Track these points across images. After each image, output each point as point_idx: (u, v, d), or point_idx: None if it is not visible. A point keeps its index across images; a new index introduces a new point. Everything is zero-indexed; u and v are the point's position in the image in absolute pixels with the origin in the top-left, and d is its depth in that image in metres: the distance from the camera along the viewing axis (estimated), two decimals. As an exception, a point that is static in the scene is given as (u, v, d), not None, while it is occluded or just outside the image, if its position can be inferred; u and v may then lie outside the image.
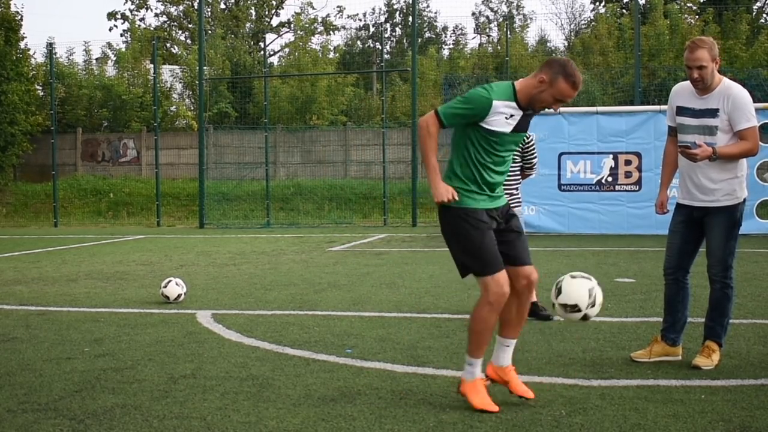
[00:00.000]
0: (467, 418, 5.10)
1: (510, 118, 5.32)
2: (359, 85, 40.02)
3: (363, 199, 28.34)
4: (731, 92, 6.31)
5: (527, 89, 5.32)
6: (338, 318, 8.72)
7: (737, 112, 6.29)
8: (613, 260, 13.42)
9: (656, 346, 6.60)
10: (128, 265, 14.05)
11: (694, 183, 6.40)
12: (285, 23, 51.97)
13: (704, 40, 6.34)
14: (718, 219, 6.37)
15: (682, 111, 6.46)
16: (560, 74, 5.23)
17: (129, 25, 46.62)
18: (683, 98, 6.49)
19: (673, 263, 6.58)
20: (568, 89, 5.24)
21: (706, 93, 6.34)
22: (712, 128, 6.31)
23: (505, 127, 5.32)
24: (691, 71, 6.25)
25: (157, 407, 5.42)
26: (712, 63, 6.23)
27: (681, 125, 6.48)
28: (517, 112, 5.34)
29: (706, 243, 6.46)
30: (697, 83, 6.29)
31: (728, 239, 6.40)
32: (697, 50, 6.23)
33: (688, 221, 6.49)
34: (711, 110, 6.31)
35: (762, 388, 5.77)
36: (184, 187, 30.76)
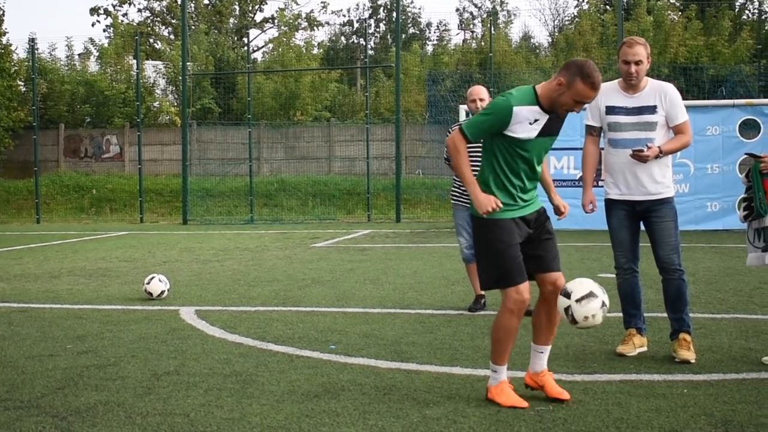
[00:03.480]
0: (451, 413, 5.11)
1: (534, 123, 5.25)
2: (343, 81, 39.98)
3: (347, 195, 28.33)
4: (667, 89, 6.61)
5: (548, 93, 5.25)
6: (322, 314, 8.72)
7: (675, 107, 6.57)
8: (596, 256, 13.46)
9: (635, 338, 6.71)
10: (111, 262, 14.01)
11: (635, 179, 6.56)
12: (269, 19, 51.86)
13: (640, 38, 6.65)
14: (665, 210, 6.57)
15: (613, 110, 6.63)
16: (578, 75, 5.15)
17: (112, 21, 46.36)
18: (611, 98, 6.66)
19: (629, 257, 6.75)
20: (587, 90, 5.15)
21: (636, 91, 6.58)
22: (651, 124, 6.53)
23: (530, 132, 5.26)
24: (629, 66, 6.49)
25: (140, 404, 5.41)
26: (646, 60, 6.51)
27: (614, 124, 6.62)
28: (542, 116, 5.27)
29: (655, 235, 6.59)
30: (631, 78, 6.51)
31: (677, 227, 6.62)
32: (636, 46, 6.50)
33: (630, 215, 6.66)
34: (649, 107, 6.53)
35: (744, 382, 5.80)
36: (168, 183, 30.66)
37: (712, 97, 24.04)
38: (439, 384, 5.82)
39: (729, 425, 4.84)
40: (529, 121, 5.25)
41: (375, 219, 24.70)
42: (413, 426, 4.90)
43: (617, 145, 6.63)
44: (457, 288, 10.34)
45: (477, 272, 5.85)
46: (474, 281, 8.95)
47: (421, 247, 15.76)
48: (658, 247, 6.58)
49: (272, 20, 50.75)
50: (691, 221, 17.32)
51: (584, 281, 5.38)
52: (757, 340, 7.13)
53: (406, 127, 30.15)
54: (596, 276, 10.99)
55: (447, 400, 5.39)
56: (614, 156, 6.66)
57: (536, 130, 5.27)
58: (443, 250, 14.97)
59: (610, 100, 6.64)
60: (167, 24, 50.35)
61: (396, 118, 24.63)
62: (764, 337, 7.21)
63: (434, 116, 28.34)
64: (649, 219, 6.61)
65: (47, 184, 30.28)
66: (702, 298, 9.18)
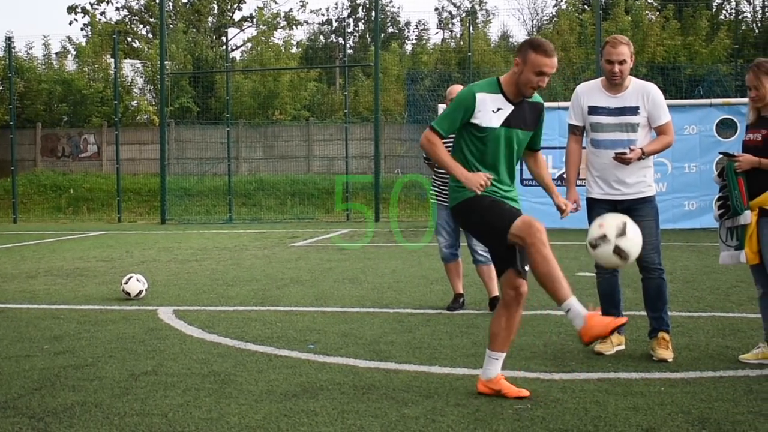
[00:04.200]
0: (430, 412, 5.11)
1: (498, 112, 5.32)
2: (322, 80, 39.95)
3: (326, 195, 28.29)
4: (649, 90, 6.63)
5: (510, 79, 5.36)
6: (301, 313, 8.71)
7: (657, 108, 6.60)
8: (575, 254, 13.50)
9: (613, 337, 6.70)
10: (88, 262, 13.94)
11: (617, 179, 6.59)
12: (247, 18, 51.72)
13: (623, 37, 6.65)
14: (647, 209, 6.61)
15: (596, 110, 6.64)
16: (529, 48, 5.28)
17: (89, 19, 46.14)
18: (593, 98, 6.68)
19: None
20: (542, 58, 5.23)
21: (619, 91, 6.59)
22: (634, 125, 6.56)
23: (492, 121, 5.31)
24: (613, 66, 6.50)
25: (118, 404, 5.38)
26: (630, 60, 6.53)
27: (596, 124, 6.64)
28: (506, 105, 5.34)
29: None
30: (615, 78, 6.52)
31: (658, 227, 6.67)
32: (619, 45, 6.51)
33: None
34: (631, 108, 6.56)
35: (720, 379, 5.83)
36: (146, 182, 30.53)
37: (689, 96, 24.15)
38: (417, 383, 5.82)
39: (706, 423, 4.87)
40: (492, 109, 5.31)
41: (354, 218, 24.69)
42: (392, 425, 4.90)
43: (599, 146, 6.65)
44: (435, 287, 10.35)
45: (490, 256, 5.78)
46: (453, 280, 8.97)
47: (399, 247, 15.77)
48: None
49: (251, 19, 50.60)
50: (669, 220, 17.38)
51: (599, 223, 5.53)
52: (733, 338, 7.17)
53: (385, 127, 30.15)
54: (574, 275, 11.04)
55: (425, 399, 5.40)
56: (596, 156, 6.68)
57: (500, 118, 5.32)
58: (422, 249, 14.98)
59: (592, 100, 6.66)
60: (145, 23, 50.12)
61: (375, 117, 24.62)
62: (741, 335, 7.26)
63: (413, 115, 28.35)
64: (631, 218, 6.60)
65: (24, 183, 30.08)
66: (679, 297, 9.23)
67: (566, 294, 5.12)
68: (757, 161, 6.08)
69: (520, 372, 6.09)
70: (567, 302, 5.09)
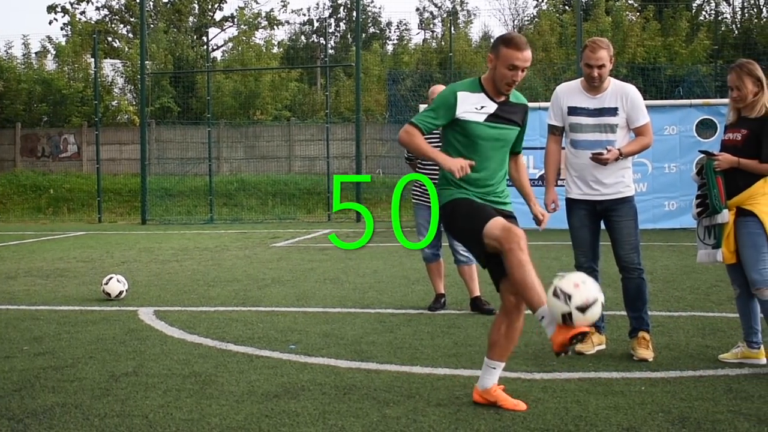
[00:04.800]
0: (411, 413, 5.12)
1: (482, 109, 5.31)
2: (303, 81, 39.91)
3: (307, 195, 28.28)
4: (628, 91, 6.66)
5: (488, 76, 5.35)
6: (282, 314, 8.69)
7: (635, 109, 6.62)
8: (556, 254, 13.53)
9: (594, 337, 6.74)
10: (69, 262, 13.88)
11: (595, 179, 6.61)
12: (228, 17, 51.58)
13: (603, 40, 6.65)
14: (625, 209, 6.63)
15: (575, 111, 6.66)
16: (500, 44, 5.26)
17: (69, 19, 45.93)
18: (573, 98, 6.70)
19: (589, 256, 6.80)
20: (513, 51, 5.19)
21: (598, 92, 6.61)
22: (612, 126, 6.58)
23: (476, 117, 5.30)
24: (592, 70, 6.52)
25: (98, 406, 5.36)
26: (609, 63, 6.54)
27: (575, 125, 6.66)
28: (489, 103, 5.32)
29: (615, 234, 6.64)
30: (594, 81, 6.55)
31: (636, 227, 6.68)
32: (599, 50, 6.52)
33: (591, 214, 6.72)
34: (610, 109, 6.58)
35: (700, 379, 5.86)
36: (126, 182, 30.43)
37: (669, 97, 24.25)
38: (399, 383, 5.82)
39: (686, 422, 4.89)
40: (475, 106, 5.30)
41: (335, 218, 24.67)
42: (373, 425, 4.90)
43: (578, 146, 6.67)
44: (417, 287, 10.35)
45: (471, 252, 5.70)
46: (434, 280, 8.97)
47: (381, 247, 15.76)
48: (618, 246, 6.64)
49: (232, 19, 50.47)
50: (649, 220, 17.46)
51: (582, 281, 4.94)
52: (713, 337, 7.21)
53: (367, 127, 30.15)
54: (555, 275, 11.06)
55: (407, 399, 5.40)
56: (575, 157, 6.70)
57: (484, 114, 5.31)
58: (403, 249, 14.98)
59: (572, 101, 6.69)
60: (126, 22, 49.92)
61: (356, 117, 24.62)
62: (720, 335, 7.29)
63: (394, 116, 28.34)
64: (610, 218, 6.66)
65: (3, 183, 29.93)
66: (660, 296, 9.26)
67: (541, 301, 4.96)
68: (736, 161, 6.12)
69: (502, 372, 6.09)
70: (541, 310, 4.94)
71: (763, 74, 6.18)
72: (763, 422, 4.86)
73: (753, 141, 6.12)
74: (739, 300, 6.37)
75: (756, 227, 6.09)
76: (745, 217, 6.14)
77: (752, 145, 6.11)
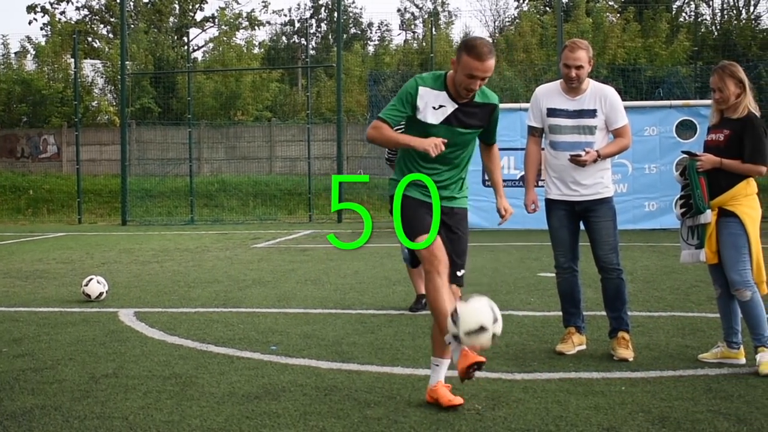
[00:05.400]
0: (392, 413, 5.12)
1: (439, 109, 5.28)
2: (284, 81, 39.85)
3: (288, 196, 28.24)
4: (607, 93, 6.66)
5: (451, 77, 5.30)
6: (263, 315, 8.68)
7: (614, 111, 6.63)
8: (536, 255, 13.56)
9: (574, 337, 6.79)
10: (48, 264, 13.81)
11: (574, 180, 6.62)
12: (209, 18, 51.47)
13: (583, 42, 6.67)
14: (604, 209, 6.64)
15: (554, 112, 6.67)
16: (463, 50, 5.20)
17: (49, 19, 45.72)
18: (552, 100, 6.71)
19: (568, 256, 6.80)
20: (473, 61, 5.12)
21: (578, 94, 6.62)
22: (591, 128, 6.59)
23: (433, 117, 5.28)
24: (570, 70, 6.53)
25: (78, 407, 5.34)
26: (588, 64, 6.55)
27: (555, 126, 6.68)
28: (448, 103, 5.29)
29: (594, 235, 6.65)
30: (572, 82, 6.56)
31: (615, 227, 6.69)
32: (578, 50, 6.54)
33: (570, 215, 6.72)
34: (589, 111, 6.59)
35: (680, 378, 5.89)
36: (106, 183, 30.31)
37: (649, 98, 24.34)
38: (380, 384, 5.82)
39: (666, 421, 4.91)
40: (433, 105, 5.28)
41: (316, 219, 24.65)
42: (354, 426, 4.90)
43: (557, 148, 6.69)
44: (398, 288, 10.36)
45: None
46: (415, 281, 8.98)
47: (362, 248, 15.76)
48: (597, 246, 6.66)
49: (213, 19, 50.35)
50: (630, 221, 17.53)
51: (477, 308, 4.93)
52: (693, 337, 7.24)
53: (348, 127, 30.13)
54: (536, 275, 11.11)
55: (388, 400, 5.40)
56: (554, 158, 6.72)
57: (441, 115, 5.28)
58: (384, 250, 14.98)
59: (551, 102, 6.70)
60: (106, 22, 49.73)
61: (337, 118, 24.61)
62: (700, 335, 7.33)
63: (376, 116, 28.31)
64: (589, 219, 6.67)
65: (-18, 184, 29.77)
66: (640, 297, 9.30)
67: (445, 327, 5.05)
68: (719, 161, 6.17)
69: (482, 372, 6.08)
70: (448, 336, 5.05)
71: (745, 76, 6.23)
72: (742, 422, 4.89)
73: (735, 141, 6.15)
74: (721, 300, 6.41)
75: (737, 228, 6.13)
76: (727, 217, 6.17)
77: (735, 145, 6.15)
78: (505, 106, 19.19)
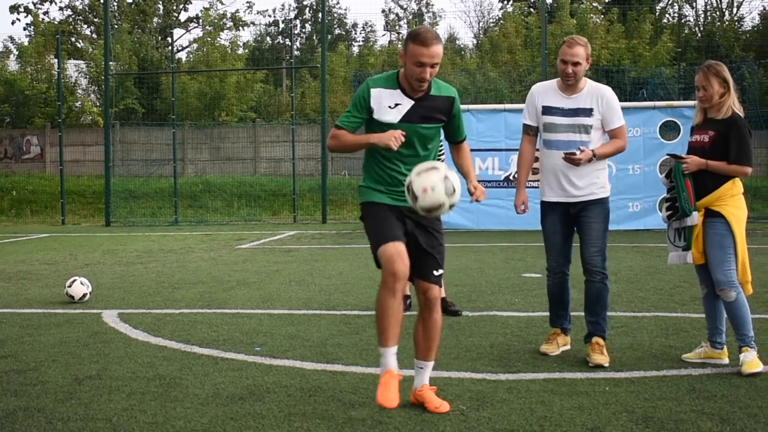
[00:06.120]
0: (376, 414, 5.12)
1: (395, 107, 5.25)
2: (269, 82, 39.86)
3: (272, 196, 28.20)
4: (604, 92, 6.59)
5: (404, 74, 5.27)
6: (247, 316, 8.66)
7: (611, 111, 6.56)
8: (521, 256, 13.58)
9: (559, 338, 6.77)
10: (32, 265, 13.75)
11: (568, 181, 6.53)
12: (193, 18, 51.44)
13: (581, 38, 6.57)
14: (596, 211, 6.55)
15: (549, 110, 6.59)
16: (408, 39, 5.20)
17: (32, 19, 45.57)
18: (548, 98, 6.62)
19: (560, 260, 6.71)
20: (418, 48, 5.08)
21: (574, 92, 6.54)
22: (587, 127, 6.51)
23: (390, 116, 5.25)
24: (566, 66, 6.43)
25: (62, 409, 5.31)
26: (585, 61, 6.45)
27: (549, 124, 6.59)
28: (404, 100, 5.26)
29: (584, 236, 6.58)
30: (569, 79, 6.47)
31: (605, 230, 6.62)
32: (575, 47, 6.43)
33: (564, 218, 6.63)
34: (585, 109, 6.51)
35: (664, 378, 5.91)
36: (90, 184, 30.21)
37: (633, 99, 24.42)
38: (364, 385, 5.82)
39: (649, 421, 4.93)
40: (389, 104, 5.26)
41: (301, 220, 24.62)
42: (338, 427, 4.90)
43: (551, 146, 6.59)
44: (383, 289, 10.33)
45: None
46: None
47: (347, 248, 15.75)
48: (584, 246, 6.57)
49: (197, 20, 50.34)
50: (613, 221, 17.22)
51: (431, 186, 4.95)
52: (676, 337, 7.27)
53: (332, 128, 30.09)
54: (520, 276, 11.13)
55: (372, 401, 5.39)
56: (548, 157, 6.62)
57: (398, 113, 5.26)
58: (369, 250, 14.96)
59: (547, 100, 6.61)
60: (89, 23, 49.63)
61: (322, 118, 24.59)
62: (684, 335, 7.35)
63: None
64: (580, 218, 6.57)
65: (-35, 185, 29.64)
66: (624, 297, 9.33)
67: (382, 342, 5.16)
68: (705, 163, 6.17)
69: (467, 373, 6.12)
70: (381, 349, 5.16)
71: (729, 76, 6.23)
72: (725, 421, 4.91)
73: (720, 142, 6.15)
74: (706, 300, 6.43)
75: (723, 228, 6.14)
76: (713, 218, 6.18)
77: (719, 146, 6.15)
78: (489, 107, 19.30)
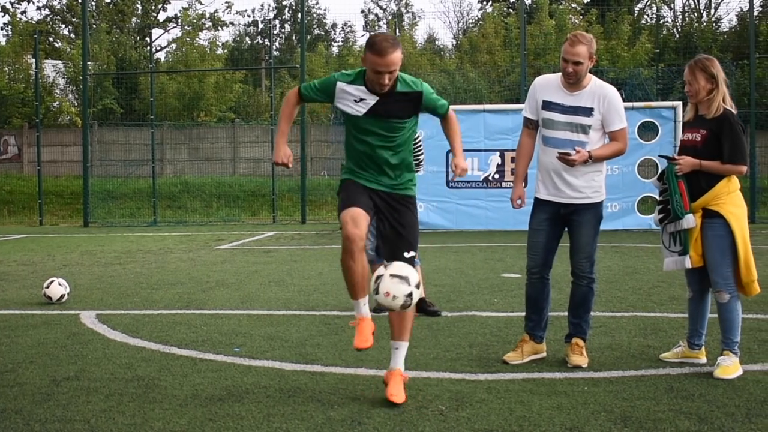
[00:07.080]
0: (356, 415, 5.11)
1: (360, 102, 5.40)
2: (248, 82, 39.79)
3: (252, 197, 28.15)
4: (607, 92, 6.33)
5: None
6: (226, 317, 8.64)
7: (612, 113, 6.31)
8: (500, 256, 13.61)
9: (526, 345, 6.56)
10: (9, 265, 13.67)
11: (563, 180, 6.35)
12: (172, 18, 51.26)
13: (585, 36, 6.31)
14: (588, 215, 6.40)
15: (549, 106, 6.38)
16: (366, 47, 5.32)
17: (10, 18, 45.34)
18: (550, 93, 6.41)
19: (540, 261, 6.52)
20: (374, 57, 5.20)
21: (576, 89, 6.32)
22: (585, 127, 6.30)
23: (354, 110, 5.44)
24: (567, 65, 6.21)
25: (39, 411, 5.28)
26: (588, 60, 6.22)
27: (548, 120, 6.40)
28: (369, 96, 5.40)
29: (573, 239, 6.46)
30: (570, 77, 6.26)
31: (595, 235, 6.48)
32: (578, 45, 6.19)
33: (553, 218, 6.46)
34: (585, 108, 6.29)
35: (642, 378, 5.93)
36: (68, 184, 30.06)
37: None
38: (343, 385, 5.82)
39: (628, 421, 4.94)
40: (354, 99, 5.43)
41: (280, 220, 24.58)
42: (318, 428, 4.89)
43: (548, 144, 6.40)
44: (362, 289, 10.33)
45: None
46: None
47: (326, 249, 15.74)
48: (573, 251, 6.45)
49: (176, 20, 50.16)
50: (593, 222, 17.59)
51: (411, 269, 5.33)
52: (655, 337, 7.30)
53: (312, 128, 30.11)
54: (499, 276, 11.15)
55: (351, 402, 5.40)
56: (545, 154, 6.44)
57: (363, 108, 5.42)
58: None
59: (547, 95, 6.39)
60: (67, 22, 49.40)
61: (301, 119, 24.55)
62: (662, 334, 7.39)
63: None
64: (571, 221, 6.42)
65: (-58, 185, 29.42)
66: (602, 297, 9.35)
67: (354, 296, 5.43)
68: (698, 164, 6.07)
69: (446, 373, 6.12)
70: (353, 302, 5.46)
71: (719, 72, 6.09)
72: (703, 420, 4.93)
73: (713, 141, 6.06)
74: (692, 302, 6.40)
75: (722, 229, 6.03)
76: (711, 218, 6.06)
77: (712, 145, 6.06)
78: (468, 108, 19.31)
